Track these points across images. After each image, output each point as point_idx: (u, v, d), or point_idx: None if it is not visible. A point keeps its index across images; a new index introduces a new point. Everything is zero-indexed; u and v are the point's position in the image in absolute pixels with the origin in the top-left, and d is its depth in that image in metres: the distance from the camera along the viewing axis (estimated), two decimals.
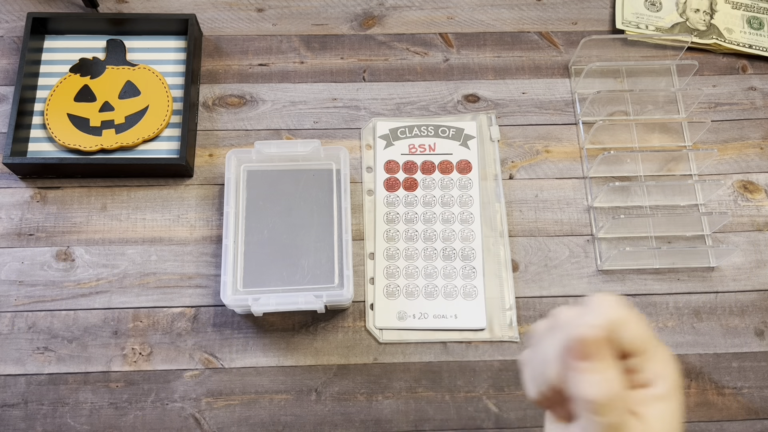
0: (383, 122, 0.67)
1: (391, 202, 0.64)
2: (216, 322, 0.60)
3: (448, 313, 0.60)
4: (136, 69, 0.67)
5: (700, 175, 0.66)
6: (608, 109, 0.69)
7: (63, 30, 0.69)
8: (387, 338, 0.59)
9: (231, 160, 0.61)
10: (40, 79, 0.67)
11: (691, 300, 0.62)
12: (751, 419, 0.58)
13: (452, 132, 0.67)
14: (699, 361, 0.60)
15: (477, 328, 0.60)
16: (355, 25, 0.72)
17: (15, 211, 0.63)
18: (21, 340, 0.59)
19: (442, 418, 0.57)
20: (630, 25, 0.72)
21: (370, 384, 0.58)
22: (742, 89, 0.70)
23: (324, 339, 0.60)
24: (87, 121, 0.64)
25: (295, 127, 0.67)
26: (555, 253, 0.63)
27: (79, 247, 0.62)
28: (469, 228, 0.63)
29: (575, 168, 0.66)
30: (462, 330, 0.60)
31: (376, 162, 0.66)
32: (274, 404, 0.57)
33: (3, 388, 0.57)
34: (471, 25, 0.72)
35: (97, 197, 0.64)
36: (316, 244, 0.60)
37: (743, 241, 0.64)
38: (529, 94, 0.69)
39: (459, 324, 0.60)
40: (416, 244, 0.63)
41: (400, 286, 0.61)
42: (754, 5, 0.74)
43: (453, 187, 0.65)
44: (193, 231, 0.63)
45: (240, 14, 0.72)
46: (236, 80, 0.69)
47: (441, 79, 0.69)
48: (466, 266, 0.62)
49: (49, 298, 0.60)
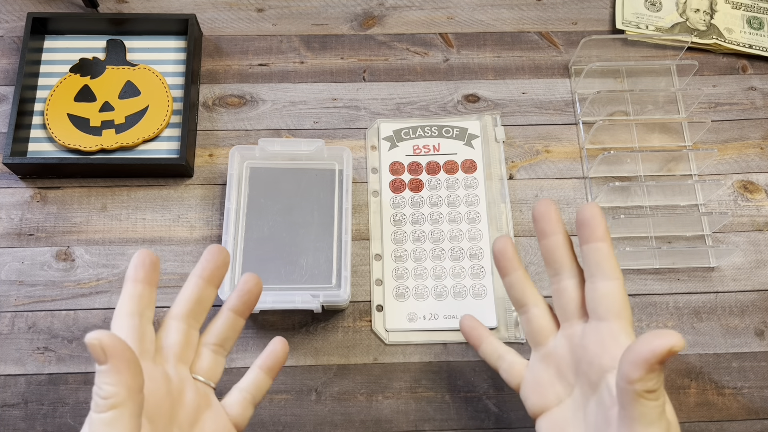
0: (387, 123, 0.67)
1: (398, 203, 0.64)
2: None
3: (459, 313, 0.60)
4: (136, 69, 0.67)
5: (700, 175, 0.66)
6: (608, 109, 0.69)
7: (63, 30, 0.69)
8: (393, 340, 0.59)
9: (234, 156, 0.61)
10: (40, 79, 0.67)
11: (691, 300, 0.62)
12: (751, 419, 0.58)
13: (456, 132, 0.67)
14: (699, 361, 0.60)
15: (488, 327, 0.60)
16: (355, 25, 0.72)
17: (15, 211, 0.63)
18: (21, 340, 0.59)
19: (442, 418, 0.57)
20: (630, 25, 0.72)
21: (370, 384, 0.58)
22: (742, 89, 0.70)
23: (324, 339, 0.60)
24: (87, 121, 0.64)
25: (295, 127, 0.67)
26: None
27: (79, 247, 0.62)
28: (476, 227, 0.63)
29: (575, 168, 0.66)
30: None
31: (381, 163, 0.66)
32: (274, 404, 0.57)
33: (3, 388, 0.57)
34: (471, 25, 0.72)
35: (97, 197, 0.64)
36: (316, 244, 0.60)
37: (743, 241, 0.64)
38: (529, 94, 0.69)
39: None
40: (424, 245, 0.63)
41: (409, 288, 0.61)
42: (754, 5, 0.74)
43: (459, 187, 0.65)
44: (193, 231, 0.63)
45: (240, 14, 0.72)
46: (236, 80, 0.69)
47: (441, 79, 0.70)
48: (475, 266, 0.62)
49: (49, 298, 0.60)
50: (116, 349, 0.33)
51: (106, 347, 0.33)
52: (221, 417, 0.41)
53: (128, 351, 0.34)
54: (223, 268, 0.42)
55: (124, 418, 0.33)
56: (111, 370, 0.33)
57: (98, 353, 0.33)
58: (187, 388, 0.40)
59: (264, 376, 0.44)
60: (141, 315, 0.39)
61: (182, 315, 0.41)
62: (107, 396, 0.33)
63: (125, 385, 0.33)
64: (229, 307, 0.43)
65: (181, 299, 0.42)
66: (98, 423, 0.33)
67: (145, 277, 0.39)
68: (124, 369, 0.33)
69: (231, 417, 0.42)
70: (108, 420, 0.33)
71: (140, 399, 0.34)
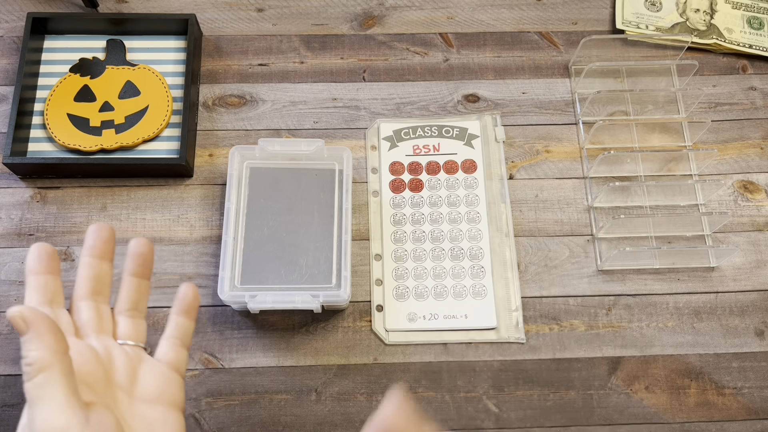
0: (387, 123, 0.67)
1: (398, 203, 0.64)
2: (216, 322, 0.60)
3: (459, 313, 0.60)
4: (136, 69, 0.67)
5: (700, 175, 0.66)
6: (608, 109, 0.69)
7: (63, 30, 0.69)
8: (393, 340, 0.59)
9: (234, 156, 0.61)
10: (40, 79, 0.67)
11: (691, 300, 0.62)
12: (751, 419, 0.58)
13: (456, 132, 0.67)
14: (699, 361, 0.60)
15: (488, 327, 0.60)
16: (355, 25, 0.72)
17: (15, 211, 0.63)
18: None
19: (442, 418, 0.57)
20: (630, 25, 0.72)
21: (370, 384, 0.58)
22: (742, 89, 0.70)
23: (324, 339, 0.60)
24: (87, 121, 0.64)
25: (295, 127, 0.67)
26: (555, 253, 0.63)
27: (79, 247, 0.62)
28: (476, 227, 0.63)
29: (575, 168, 0.66)
30: (473, 330, 0.60)
31: (381, 163, 0.66)
32: (274, 404, 0.57)
33: (3, 388, 0.57)
34: (471, 25, 0.72)
35: (97, 197, 0.64)
36: (316, 244, 0.60)
37: (743, 241, 0.64)
38: (529, 94, 0.69)
39: (469, 324, 0.60)
40: (424, 245, 0.63)
41: (409, 288, 0.61)
42: (754, 5, 0.74)
43: (459, 187, 0.65)
44: (193, 231, 0.63)
45: (240, 14, 0.72)
46: (236, 80, 0.69)
47: (441, 79, 0.70)
48: (475, 266, 0.62)
49: None
50: (36, 317, 0.35)
51: (26, 317, 0.35)
52: (157, 366, 0.42)
53: (48, 319, 0.35)
54: (111, 242, 0.44)
55: (55, 377, 0.34)
56: (33, 336, 0.34)
57: (19, 324, 0.35)
58: (115, 353, 0.41)
59: (184, 319, 0.45)
60: (51, 303, 0.40)
61: (87, 294, 0.42)
62: (33, 361, 0.34)
63: (49, 348, 0.34)
64: (129, 273, 0.44)
65: (80, 280, 0.43)
66: (31, 388, 0.34)
67: (45, 267, 0.41)
68: (46, 333, 0.35)
69: (167, 363, 0.43)
70: (40, 383, 0.34)
71: (67, 361, 0.35)
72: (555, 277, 0.62)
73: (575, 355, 0.59)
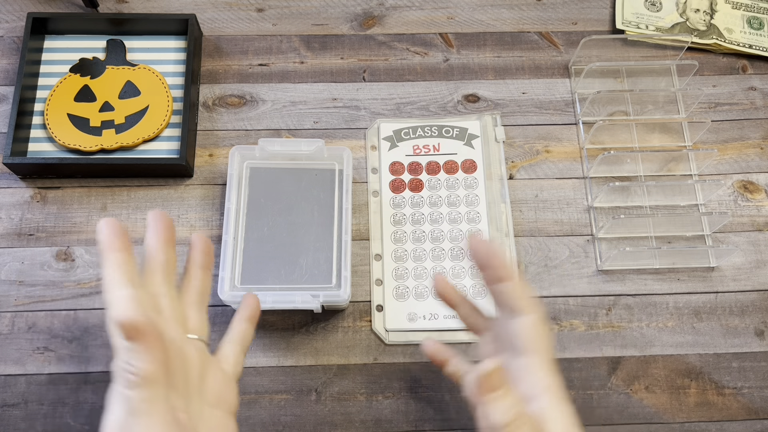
0: (387, 123, 0.67)
1: (398, 203, 0.64)
2: (216, 321, 0.60)
3: None
4: (136, 69, 0.67)
5: (700, 175, 0.66)
6: (608, 109, 0.69)
7: (63, 30, 0.69)
8: (393, 340, 0.59)
9: (234, 156, 0.61)
10: (40, 79, 0.67)
11: (691, 300, 0.62)
12: (751, 419, 0.58)
13: (456, 132, 0.67)
14: (699, 361, 0.60)
15: None
16: (355, 25, 0.72)
17: (15, 211, 0.63)
18: (21, 340, 0.59)
19: (442, 418, 0.57)
20: (630, 25, 0.72)
21: (370, 384, 0.58)
22: (742, 89, 0.70)
23: (324, 339, 0.60)
24: (87, 121, 0.64)
25: (295, 127, 0.67)
26: (555, 253, 0.63)
27: (79, 247, 0.62)
28: (476, 227, 0.63)
29: (575, 168, 0.66)
30: None
31: (381, 163, 0.66)
32: (274, 404, 0.57)
33: (3, 388, 0.57)
34: (471, 25, 0.72)
35: (97, 197, 0.64)
36: (316, 244, 0.60)
37: (743, 241, 0.64)
38: (529, 94, 0.69)
39: None
40: (424, 245, 0.63)
41: (409, 288, 0.61)
42: (754, 5, 0.74)
43: (459, 187, 0.65)
44: (193, 231, 0.63)
45: (240, 14, 0.72)
46: (236, 80, 0.69)
47: (441, 79, 0.70)
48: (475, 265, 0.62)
49: (49, 298, 0.60)
50: (148, 328, 0.34)
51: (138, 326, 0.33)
52: (220, 369, 0.42)
53: (157, 330, 0.34)
54: (172, 228, 0.43)
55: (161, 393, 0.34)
56: (145, 348, 0.33)
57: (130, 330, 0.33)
58: (188, 347, 0.40)
59: (247, 325, 0.46)
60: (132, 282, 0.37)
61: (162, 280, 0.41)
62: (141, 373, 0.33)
63: (160, 363, 0.34)
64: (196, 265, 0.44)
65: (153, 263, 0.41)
66: (135, 398, 0.34)
67: (124, 245, 0.39)
68: (157, 347, 0.34)
69: (228, 367, 0.43)
70: (147, 397, 0.34)
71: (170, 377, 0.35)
72: (555, 277, 0.62)
73: (575, 354, 0.59)
